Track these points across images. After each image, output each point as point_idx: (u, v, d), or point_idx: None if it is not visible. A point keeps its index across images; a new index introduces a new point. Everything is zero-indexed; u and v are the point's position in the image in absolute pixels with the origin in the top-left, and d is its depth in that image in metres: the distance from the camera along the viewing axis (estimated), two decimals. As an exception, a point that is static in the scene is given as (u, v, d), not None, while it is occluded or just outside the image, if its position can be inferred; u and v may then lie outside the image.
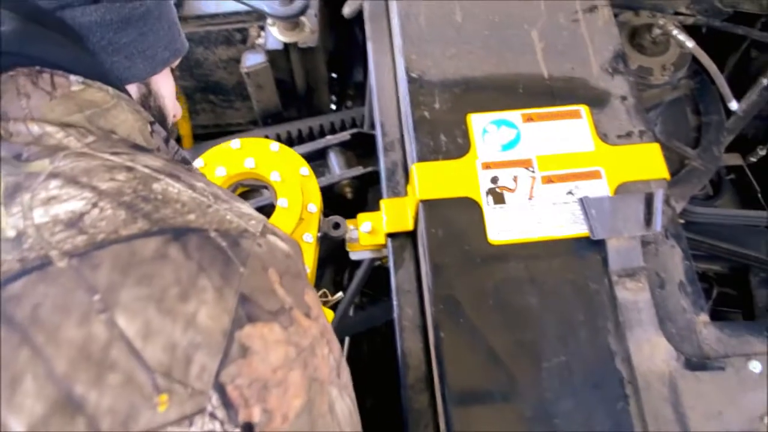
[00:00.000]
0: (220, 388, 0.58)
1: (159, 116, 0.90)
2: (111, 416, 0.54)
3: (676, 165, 1.65)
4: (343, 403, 0.72)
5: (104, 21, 0.76)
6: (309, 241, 1.24)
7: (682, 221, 1.81)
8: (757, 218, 1.91)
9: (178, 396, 0.56)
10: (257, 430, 0.60)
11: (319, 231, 1.28)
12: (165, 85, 0.91)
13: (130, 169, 0.66)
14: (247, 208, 0.71)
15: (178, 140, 1.87)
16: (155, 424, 0.55)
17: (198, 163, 1.29)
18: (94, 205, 0.61)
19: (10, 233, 0.59)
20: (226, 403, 0.58)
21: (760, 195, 2.03)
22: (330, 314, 1.22)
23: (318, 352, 0.68)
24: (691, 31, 1.65)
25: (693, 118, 1.74)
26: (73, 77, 0.73)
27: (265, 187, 1.31)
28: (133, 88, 0.84)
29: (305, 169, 1.30)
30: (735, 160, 2.10)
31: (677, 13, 1.63)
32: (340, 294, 1.27)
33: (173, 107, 0.96)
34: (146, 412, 0.55)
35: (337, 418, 0.70)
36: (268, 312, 0.63)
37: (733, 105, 1.40)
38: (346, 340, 1.71)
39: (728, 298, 2.00)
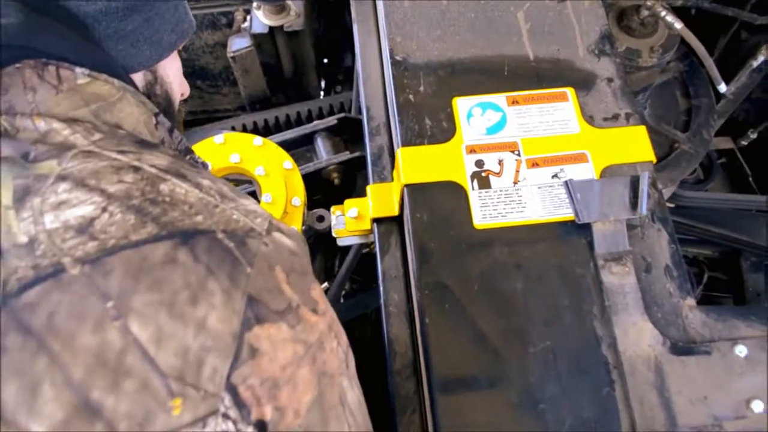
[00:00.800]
0: (233, 389, 0.59)
1: (165, 102, 0.90)
2: (128, 420, 0.55)
3: (666, 149, 1.65)
4: (353, 392, 0.73)
5: (110, 9, 0.76)
6: None
7: (671, 205, 1.81)
8: (748, 202, 1.91)
9: (191, 399, 0.57)
10: (270, 428, 0.62)
11: (303, 224, 1.28)
12: (171, 68, 0.90)
13: (137, 169, 0.66)
14: (252, 204, 0.72)
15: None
16: (170, 427, 0.56)
17: None
18: (104, 209, 0.61)
19: (23, 239, 0.59)
20: (239, 403, 0.60)
21: (751, 179, 2.03)
22: None
23: (326, 346, 0.69)
24: (680, 12, 1.64)
25: (683, 101, 1.73)
26: (78, 70, 0.72)
27: (250, 182, 1.32)
28: (138, 76, 0.83)
29: (288, 162, 1.31)
30: (726, 143, 2.10)
31: (667, -5, 1.62)
32: (326, 284, 1.27)
33: (180, 87, 0.95)
34: (161, 416, 0.56)
35: (349, 407, 0.71)
36: (275, 312, 0.64)
37: (722, 87, 1.38)
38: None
39: (719, 283, 2.01)
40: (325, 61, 2.16)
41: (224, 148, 1.32)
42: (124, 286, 0.58)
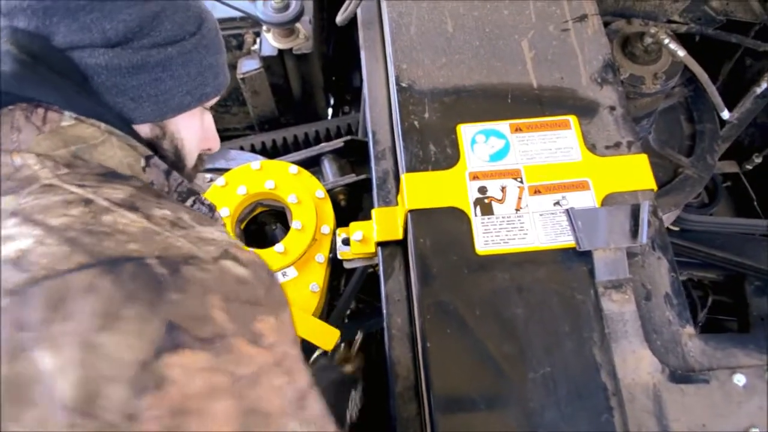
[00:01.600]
0: (135, 419, 0.58)
1: (174, 157, 0.90)
2: None
3: (670, 173, 1.65)
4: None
5: (111, 65, 0.78)
6: (320, 261, 1.30)
7: (676, 228, 1.82)
8: (753, 226, 1.91)
9: (87, 430, 0.57)
10: None
11: (331, 251, 1.32)
12: (188, 127, 0.90)
13: (88, 202, 0.68)
14: (214, 232, 0.71)
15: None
16: None
17: (219, 182, 1.35)
18: (40, 242, 0.63)
19: None
20: None
21: (755, 203, 2.03)
22: (335, 334, 1.24)
23: (265, 382, 0.65)
24: (684, 38, 1.66)
25: (687, 126, 1.73)
26: (67, 113, 0.76)
27: (283, 208, 1.36)
28: (145, 128, 0.85)
29: (321, 191, 1.36)
30: (731, 167, 2.10)
31: (670, 21, 1.63)
32: (359, 335, 1.29)
33: (201, 143, 0.96)
34: None
35: None
36: (198, 339, 0.62)
37: (725, 114, 1.40)
38: (341, 347, 1.72)
39: (723, 306, 2.01)
40: (333, 78, 2.19)
41: (260, 174, 1.38)
42: (43, 316, 0.59)
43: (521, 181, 1.07)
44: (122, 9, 0.78)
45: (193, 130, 0.92)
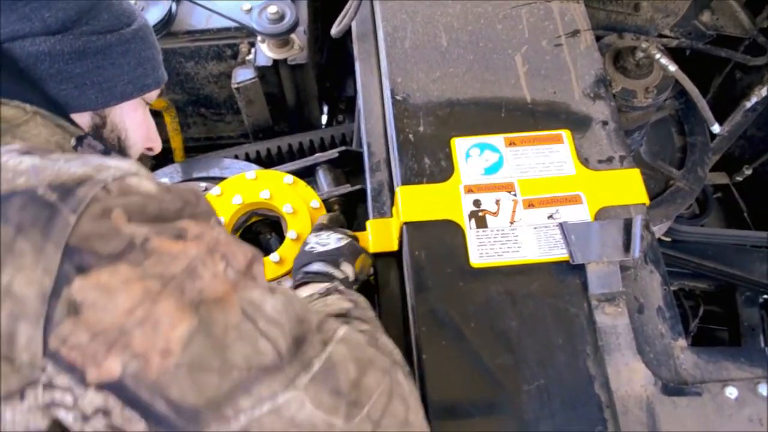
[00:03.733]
0: (54, 355, 0.57)
1: (116, 147, 0.92)
2: None
3: (661, 185, 1.67)
4: (274, 300, 0.69)
5: (54, 51, 0.81)
6: None
7: (668, 239, 1.84)
8: (743, 237, 1.94)
9: (2, 373, 0.57)
10: (132, 380, 0.58)
11: None
12: (131, 118, 0.93)
13: None
14: (122, 162, 0.69)
15: (167, 154, 1.88)
16: None
17: (215, 191, 1.36)
18: None
19: None
20: (66, 367, 0.57)
21: (746, 214, 2.05)
22: None
23: (203, 272, 0.64)
24: (675, 53, 1.68)
25: (678, 139, 1.75)
26: None
27: (277, 217, 1.37)
28: (85, 117, 0.87)
29: (316, 201, 1.36)
30: (721, 179, 2.12)
31: (661, 36, 1.65)
32: None
33: (145, 140, 0.98)
34: None
35: (267, 317, 0.67)
36: (108, 255, 0.59)
37: (716, 128, 1.41)
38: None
39: (715, 316, 2.02)
40: (328, 85, 2.20)
41: (256, 184, 1.38)
42: None
43: (515, 195, 1.08)
44: None
45: (137, 122, 0.95)
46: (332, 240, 1.12)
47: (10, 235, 0.59)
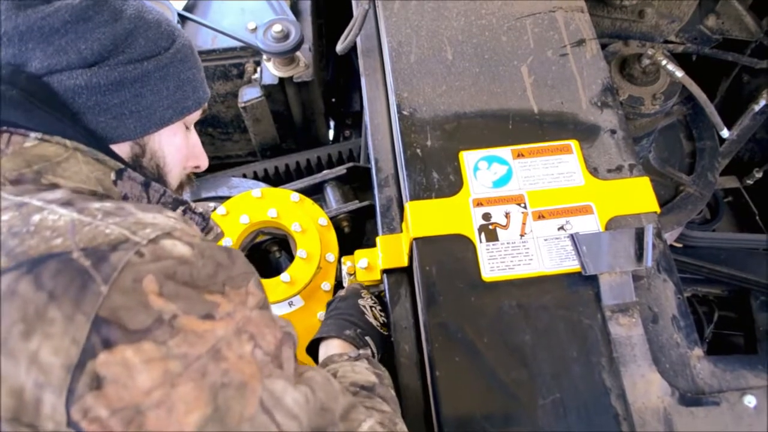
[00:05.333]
0: (75, 426, 0.57)
1: (155, 175, 0.91)
2: None
3: (671, 191, 1.66)
4: (296, 393, 0.69)
5: (91, 84, 0.80)
6: (326, 289, 1.30)
7: (679, 245, 1.82)
8: (756, 241, 1.92)
9: None
10: None
11: (336, 279, 1.32)
12: (170, 144, 0.92)
13: (21, 205, 0.68)
14: (157, 217, 0.69)
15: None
16: None
17: (220, 210, 1.35)
18: None
19: None
20: None
21: (758, 217, 2.04)
22: None
23: (229, 354, 0.64)
24: (681, 58, 1.67)
25: (687, 144, 1.75)
26: (32, 134, 0.76)
27: (284, 235, 1.36)
28: (125, 147, 0.86)
29: (323, 219, 1.36)
30: (732, 182, 2.11)
31: (667, 42, 1.65)
32: None
33: (185, 160, 0.97)
34: None
35: (285, 410, 0.67)
36: (135, 331, 0.59)
37: (725, 133, 1.40)
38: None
39: (729, 322, 2.01)
40: (333, 101, 2.20)
41: (262, 203, 1.38)
42: None
43: (525, 207, 1.08)
44: (95, 29, 0.80)
45: (175, 147, 0.93)
46: (367, 312, 1.12)
47: (42, 301, 0.59)
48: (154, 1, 1.80)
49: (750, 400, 0.94)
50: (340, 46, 1.40)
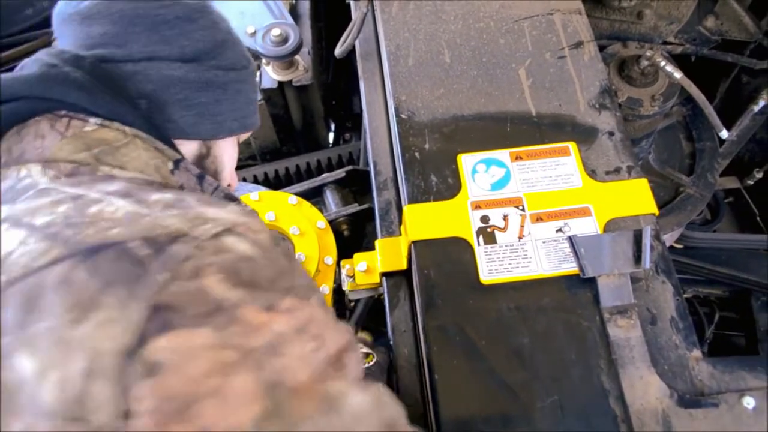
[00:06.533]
0: (129, 416, 0.54)
1: (213, 178, 0.93)
2: None
3: (671, 192, 1.66)
4: (361, 396, 0.64)
5: (185, 78, 0.85)
6: (325, 292, 1.30)
7: (680, 246, 1.82)
8: (756, 242, 1.92)
9: None
10: None
11: (335, 282, 1.32)
12: (227, 153, 0.97)
13: (77, 197, 0.68)
14: (220, 212, 0.68)
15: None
16: None
17: None
18: (22, 242, 0.62)
19: None
20: (139, 430, 0.54)
21: (758, 218, 2.04)
22: None
23: (287, 350, 0.61)
24: (680, 59, 1.67)
25: (687, 145, 1.75)
26: (92, 120, 0.78)
27: (283, 239, 1.37)
28: (193, 145, 0.90)
29: (322, 222, 1.36)
30: (732, 183, 2.11)
31: (666, 43, 1.65)
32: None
33: (230, 176, 1.02)
34: None
35: (351, 415, 0.62)
36: (194, 316, 0.58)
37: (724, 134, 1.40)
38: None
39: (730, 322, 2.00)
40: (333, 103, 2.20)
41: (260, 206, 1.38)
42: (17, 318, 0.57)
43: (523, 209, 1.08)
44: (198, 30, 0.87)
45: (231, 157, 1.00)
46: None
47: (96, 289, 0.58)
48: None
49: (749, 402, 0.94)
50: (338, 50, 1.40)
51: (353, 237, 1.48)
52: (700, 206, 1.65)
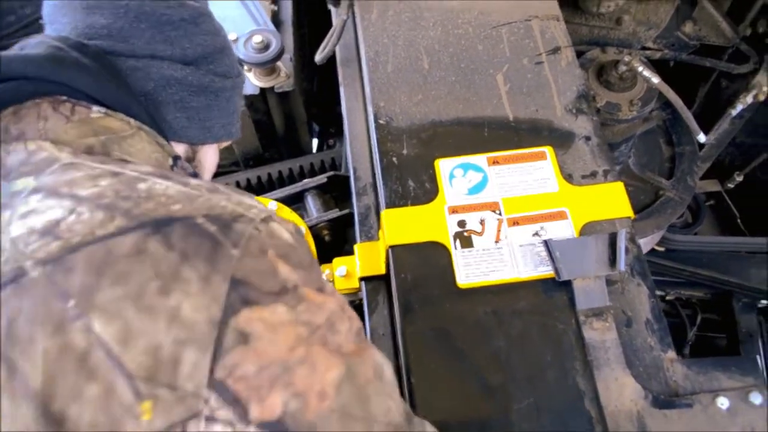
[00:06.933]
0: (219, 385, 0.55)
1: None
2: (93, 430, 0.52)
3: (651, 196, 1.68)
4: (389, 369, 0.70)
5: (184, 80, 0.86)
6: None
7: (661, 249, 1.84)
8: (737, 244, 1.94)
9: (163, 402, 0.53)
10: (291, 423, 0.56)
11: None
12: (210, 159, 0.98)
13: (115, 174, 0.67)
14: (251, 200, 0.70)
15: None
16: None
17: None
18: (72, 211, 0.60)
19: None
20: (230, 399, 0.55)
21: (739, 220, 2.06)
22: None
23: (340, 326, 0.65)
24: (659, 64, 1.69)
25: (666, 149, 1.76)
26: (96, 108, 0.77)
27: None
28: (181, 147, 0.90)
29: (301, 228, 1.35)
30: (713, 186, 2.13)
31: (645, 48, 1.67)
32: None
33: (209, 179, 1.02)
34: (129, 423, 0.52)
35: (388, 384, 0.68)
36: (268, 293, 0.60)
37: (701, 137, 1.42)
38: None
39: (712, 324, 2.02)
40: (316, 112, 2.21)
41: None
42: (86, 282, 0.55)
43: (500, 214, 1.09)
44: (200, 34, 0.88)
45: (212, 164, 1.00)
46: None
47: (176, 260, 0.58)
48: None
49: (723, 402, 0.95)
50: (318, 56, 1.41)
51: (334, 242, 1.48)
52: (680, 209, 1.67)
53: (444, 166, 1.14)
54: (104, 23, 0.81)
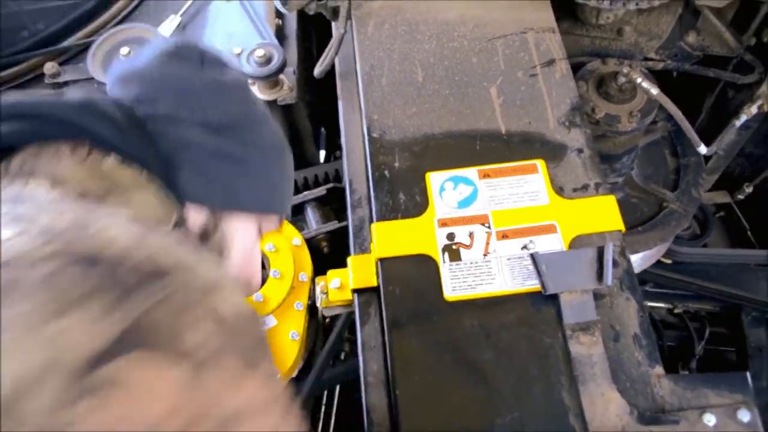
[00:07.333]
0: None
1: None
2: None
3: (655, 208, 1.66)
4: None
5: (202, 143, 0.82)
6: (299, 308, 1.31)
7: (668, 261, 1.82)
8: (746, 256, 1.92)
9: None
10: None
11: (309, 298, 1.34)
12: (240, 238, 0.91)
13: (87, 212, 0.66)
14: (216, 263, 0.69)
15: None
16: None
17: None
18: (18, 235, 0.57)
19: None
20: None
21: (749, 232, 2.03)
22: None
23: (254, 423, 0.55)
24: (665, 74, 1.68)
25: (671, 160, 1.75)
26: (113, 155, 0.76)
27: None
28: (200, 215, 0.86)
29: (297, 239, 1.38)
30: (723, 197, 2.11)
31: (647, 59, 1.66)
32: None
33: (243, 265, 0.94)
34: None
35: None
36: (170, 346, 0.53)
37: (702, 149, 1.41)
38: (336, 389, 1.73)
39: (721, 337, 2.00)
40: (323, 125, 2.22)
41: None
42: None
43: (489, 227, 1.09)
44: (229, 105, 0.85)
45: (244, 243, 0.92)
46: None
47: (81, 291, 0.53)
48: (141, 27, 1.84)
49: (709, 419, 0.94)
50: (317, 70, 1.43)
51: (333, 254, 1.49)
52: (684, 222, 1.65)
53: (434, 179, 1.15)
54: (137, 91, 0.81)
